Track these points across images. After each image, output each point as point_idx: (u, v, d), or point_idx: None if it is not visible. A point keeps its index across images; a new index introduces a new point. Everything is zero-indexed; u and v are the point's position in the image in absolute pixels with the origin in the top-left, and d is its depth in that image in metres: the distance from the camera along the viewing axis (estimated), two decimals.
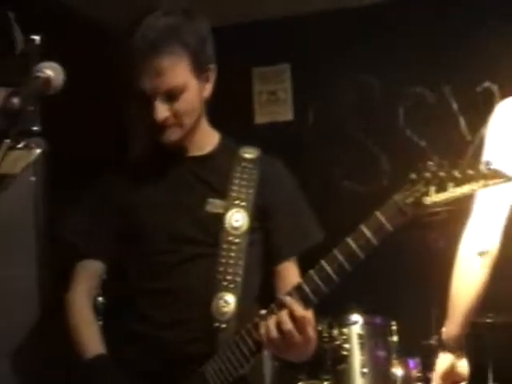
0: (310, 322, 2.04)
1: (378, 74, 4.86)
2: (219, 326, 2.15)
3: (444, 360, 2.41)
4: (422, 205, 1.94)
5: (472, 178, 1.88)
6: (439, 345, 2.46)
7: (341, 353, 3.36)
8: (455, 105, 4.71)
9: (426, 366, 3.55)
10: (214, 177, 2.30)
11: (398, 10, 4.74)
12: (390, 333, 3.50)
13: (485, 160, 1.87)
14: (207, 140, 2.35)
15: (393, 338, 3.50)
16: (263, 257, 2.32)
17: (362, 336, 3.41)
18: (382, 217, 1.98)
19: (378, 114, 4.86)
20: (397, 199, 1.97)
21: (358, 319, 3.44)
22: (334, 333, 3.37)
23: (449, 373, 2.41)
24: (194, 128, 2.27)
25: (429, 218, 3.41)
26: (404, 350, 3.56)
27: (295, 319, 1.99)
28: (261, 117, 5.10)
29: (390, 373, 3.46)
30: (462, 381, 2.43)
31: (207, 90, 2.26)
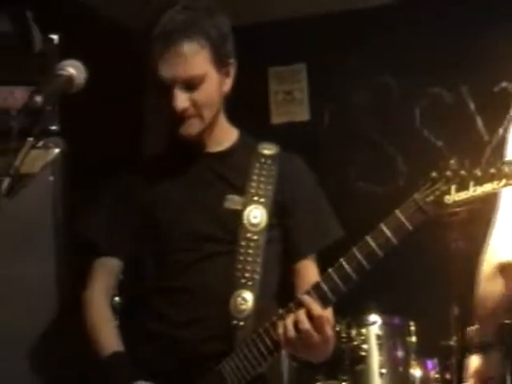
0: (329, 322, 2.04)
1: (395, 74, 4.83)
2: (237, 324, 2.14)
3: (476, 360, 2.37)
4: (443, 204, 1.94)
5: (493, 177, 1.87)
6: (468, 346, 2.42)
7: (359, 353, 3.35)
8: (472, 105, 4.68)
9: (445, 367, 3.53)
10: (233, 173, 2.28)
11: (415, 10, 4.72)
12: (409, 333, 3.49)
13: (507, 159, 1.86)
14: (226, 136, 2.34)
15: (411, 339, 3.48)
16: (282, 254, 2.31)
17: (381, 336, 3.40)
18: (402, 215, 1.98)
19: (395, 115, 4.84)
20: (417, 198, 1.97)
21: (377, 319, 3.43)
22: (353, 333, 3.37)
23: (480, 372, 2.37)
24: (213, 123, 2.26)
25: (449, 218, 3.39)
26: (422, 351, 3.54)
27: (313, 318, 1.99)
28: (277, 117, 5.09)
29: (409, 374, 3.44)
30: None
31: (227, 85, 2.25)
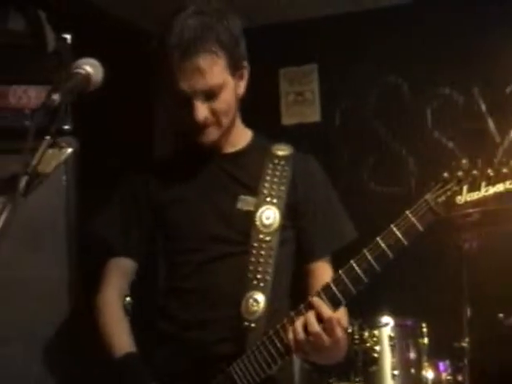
0: (339, 324, 2.01)
1: (406, 75, 4.82)
2: (248, 326, 2.13)
3: None
4: (454, 204, 1.91)
5: (506, 177, 1.85)
6: None
7: (372, 355, 3.33)
8: (484, 106, 4.66)
9: (457, 369, 3.52)
10: (246, 174, 2.28)
11: (427, 11, 4.71)
12: (421, 335, 3.46)
13: None
14: (240, 138, 2.35)
15: (423, 340, 3.46)
16: (295, 255, 2.30)
17: (393, 338, 3.38)
18: (413, 216, 1.96)
19: (406, 116, 4.82)
20: (428, 198, 1.95)
21: (389, 321, 3.41)
22: (365, 335, 3.35)
23: None
24: (230, 127, 2.26)
25: (461, 220, 3.37)
26: (434, 353, 3.52)
27: (323, 321, 1.98)
28: (288, 118, 5.07)
29: (421, 375, 3.42)
30: None
31: (241, 88, 2.26)
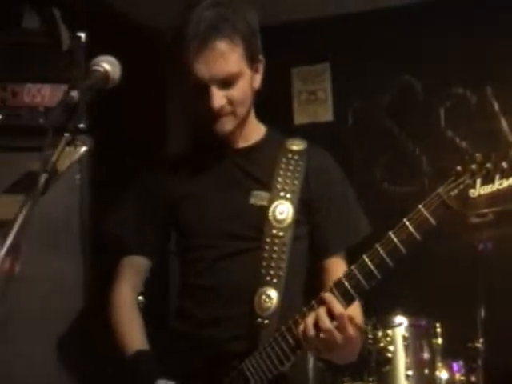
0: (352, 321, 1.98)
1: (419, 75, 4.81)
2: (262, 322, 2.11)
3: None
4: (468, 197, 1.88)
5: None
6: None
7: (385, 355, 3.32)
8: (497, 105, 4.64)
9: (470, 370, 3.50)
10: (259, 169, 2.27)
11: (440, 11, 4.70)
12: (435, 335, 3.45)
13: None
14: (254, 132, 2.34)
15: (437, 341, 3.45)
16: (309, 251, 2.29)
17: (407, 338, 3.36)
18: (426, 210, 1.93)
19: (419, 115, 4.80)
20: (441, 192, 1.91)
21: (403, 321, 3.40)
22: (379, 334, 3.34)
23: None
24: (244, 120, 2.25)
25: (476, 220, 3.36)
26: (448, 353, 3.51)
27: (334, 317, 1.95)
28: (300, 117, 5.06)
29: (435, 376, 3.41)
30: None
31: (257, 81, 2.25)
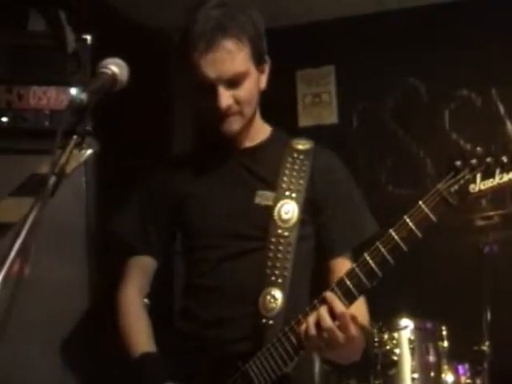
0: (354, 321, 1.97)
1: (424, 77, 4.80)
2: (266, 323, 2.10)
3: None
4: (468, 193, 1.86)
5: None
6: None
7: (391, 358, 3.30)
8: (502, 107, 4.63)
9: (476, 373, 3.49)
10: (264, 168, 2.27)
11: (444, 13, 4.69)
12: (441, 338, 3.44)
13: None
14: (259, 132, 2.34)
15: (443, 344, 3.44)
16: (314, 252, 2.28)
17: (413, 341, 3.35)
18: (426, 207, 1.91)
19: (424, 118, 4.80)
20: (441, 188, 1.90)
21: (409, 324, 3.38)
22: (385, 337, 3.32)
23: None
24: (250, 120, 2.26)
25: (481, 222, 3.36)
26: (453, 356, 3.50)
27: (336, 316, 1.94)
28: (305, 120, 5.05)
29: (441, 379, 3.39)
30: None
31: (263, 82, 2.26)
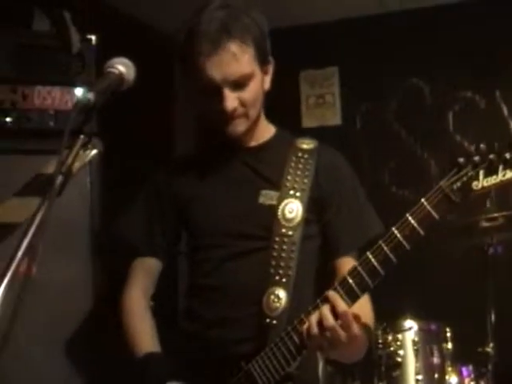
0: (357, 319, 1.97)
1: (428, 78, 4.81)
2: (270, 323, 2.10)
3: None
4: (471, 190, 1.85)
5: None
6: None
7: (395, 359, 3.29)
8: (506, 109, 4.64)
9: (480, 374, 3.48)
10: (268, 167, 2.27)
11: (447, 14, 4.70)
12: (445, 339, 3.43)
13: None
14: (264, 132, 2.34)
15: (447, 345, 3.42)
16: (319, 251, 2.28)
17: (417, 342, 3.34)
18: (428, 204, 1.91)
19: (427, 119, 4.80)
20: (443, 185, 1.89)
21: (413, 325, 3.37)
22: (389, 339, 3.31)
23: None
24: (255, 121, 2.26)
25: (486, 224, 3.35)
26: (457, 358, 3.49)
27: (338, 315, 1.93)
28: (308, 121, 5.06)
29: (445, 380, 3.38)
30: None
31: (267, 83, 2.25)
